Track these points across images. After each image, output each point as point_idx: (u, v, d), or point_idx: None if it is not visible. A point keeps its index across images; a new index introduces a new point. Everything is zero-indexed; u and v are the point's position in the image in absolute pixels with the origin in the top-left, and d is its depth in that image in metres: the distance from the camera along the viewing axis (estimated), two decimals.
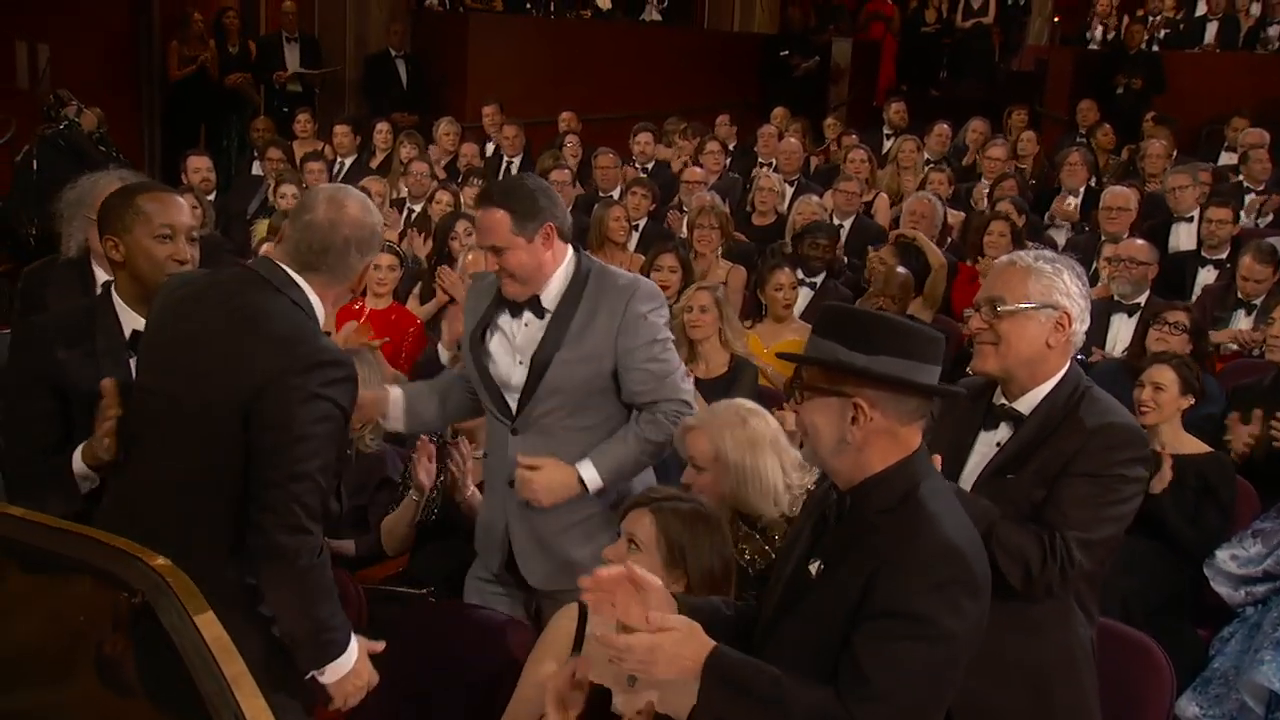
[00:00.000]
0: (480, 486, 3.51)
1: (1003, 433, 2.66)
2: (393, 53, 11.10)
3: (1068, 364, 2.66)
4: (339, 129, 9.16)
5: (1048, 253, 2.73)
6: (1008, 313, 2.60)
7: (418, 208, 7.66)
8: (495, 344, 3.13)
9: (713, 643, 2.01)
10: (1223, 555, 3.91)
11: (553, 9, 12.59)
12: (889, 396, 2.05)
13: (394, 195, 7.78)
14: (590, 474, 3.02)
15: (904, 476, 2.08)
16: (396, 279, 5.54)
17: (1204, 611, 3.97)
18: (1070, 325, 2.62)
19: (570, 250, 3.09)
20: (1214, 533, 3.99)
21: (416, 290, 5.95)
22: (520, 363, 3.07)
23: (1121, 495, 2.58)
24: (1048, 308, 2.60)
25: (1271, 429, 4.27)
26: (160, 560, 1.95)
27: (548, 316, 3.05)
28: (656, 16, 13.46)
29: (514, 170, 9.15)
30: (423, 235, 6.83)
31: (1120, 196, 6.60)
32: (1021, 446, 2.61)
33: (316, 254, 2.56)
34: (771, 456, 3.01)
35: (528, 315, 3.07)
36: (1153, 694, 2.95)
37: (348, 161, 9.04)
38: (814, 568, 2.12)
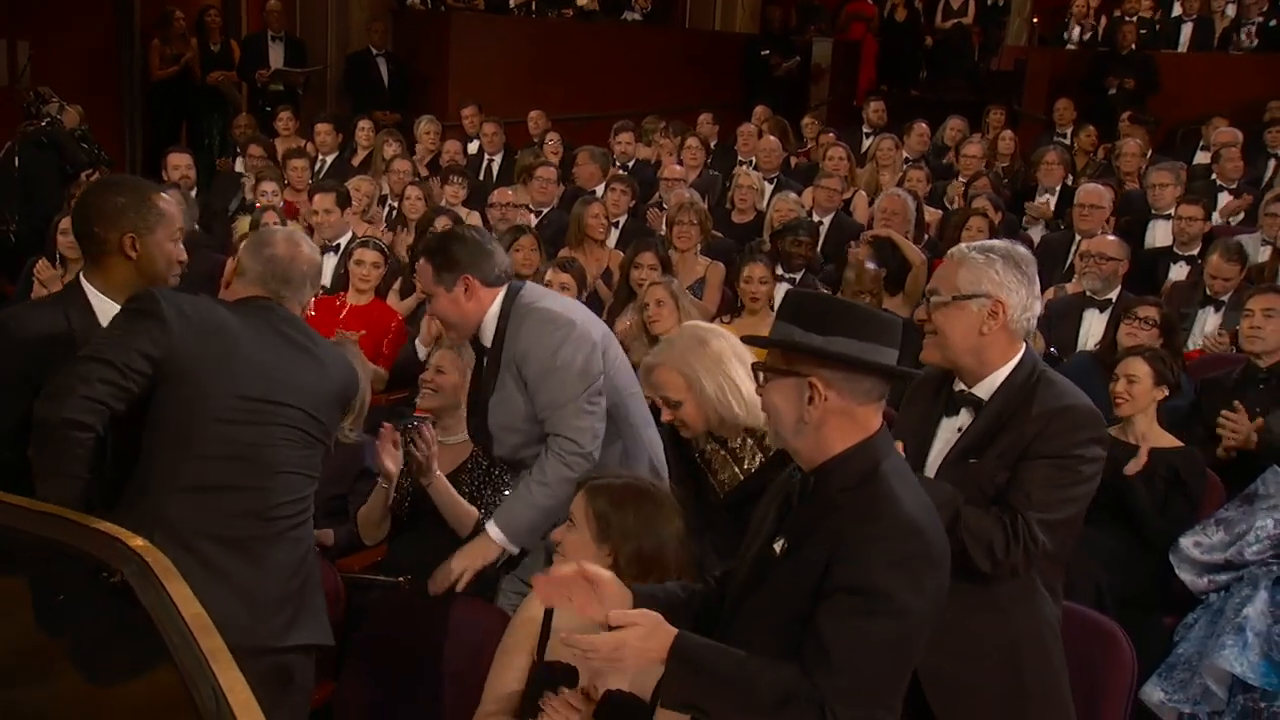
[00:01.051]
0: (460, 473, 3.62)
1: (964, 418, 2.72)
2: (374, 51, 11.12)
3: (1021, 349, 2.72)
4: (320, 127, 9.19)
5: (992, 243, 2.78)
6: (940, 304, 2.68)
7: (397, 205, 7.70)
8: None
9: (675, 630, 2.06)
10: (1187, 542, 3.98)
11: (534, 8, 12.62)
12: (843, 376, 2.10)
13: (379, 193, 7.82)
14: (496, 534, 3.13)
15: (864, 457, 2.13)
16: (380, 275, 5.58)
17: (1170, 599, 4.03)
18: (1005, 313, 2.66)
19: (502, 293, 3.24)
20: (1182, 524, 4.07)
21: (397, 285, 6.00)
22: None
23: (1081, 476, 2.64)
24: (978, 297, 2.65)
25: (1220, 424, 4.36)
26: (139, 541, 2.00)
27: (485, 359, 3.28)
28: (638, 16, 13.50)
29: (495, 167, 9.20)
30: (402, 232, 6.89)
31: (1094, 194, 6.69)
32: (983, 431, 2.66)
33: (280, 283, 2.81)
34: (740, 366, 3.06)
35: (483, 358, 3.31)
36: (1115, 677, 3.01)
37: (329, 159, 9.08)
38: (778, 546, 2.17)
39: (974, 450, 2.66)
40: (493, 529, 3.12)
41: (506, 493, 3.59)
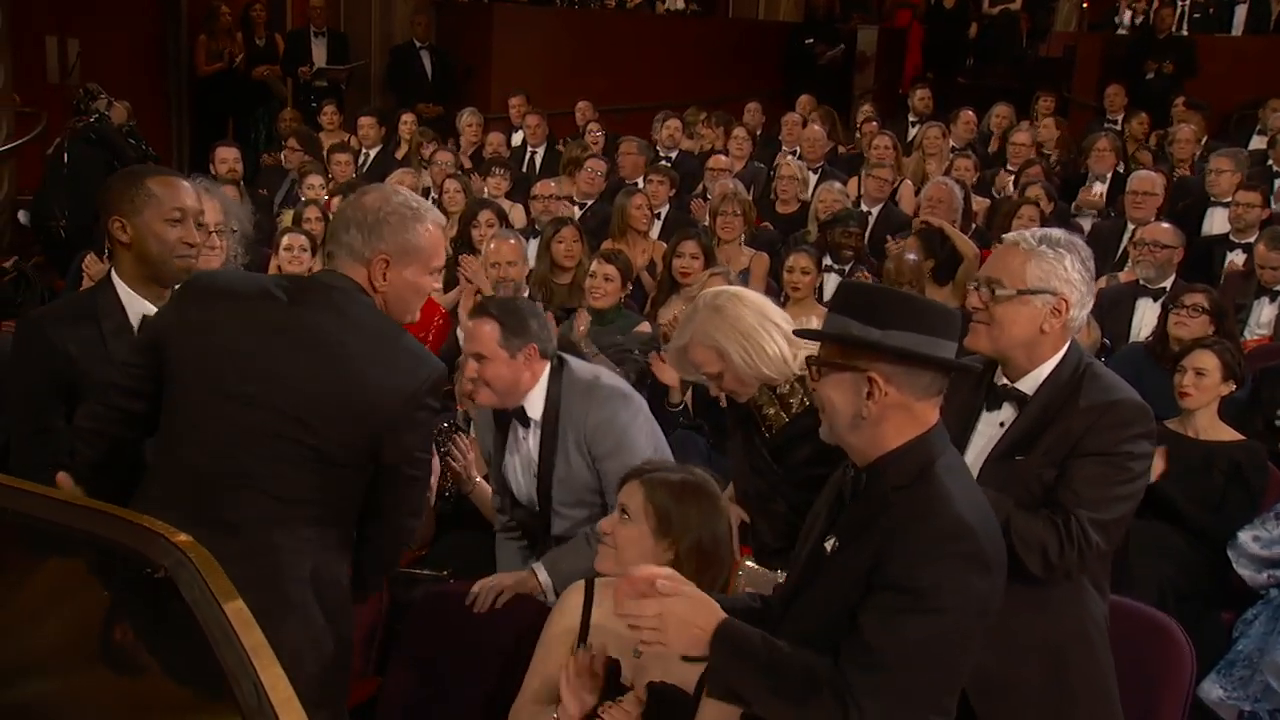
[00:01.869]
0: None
1: (1006, 413, 2.65)
2: (417, 44, 11.17)
3: (1068, 343, 2.65)
4: (364, 121, 9.23)
5: (1054, 233, 2.69)
6: (1005, 296, 2.59)
7: (440, 198, 7.71)
8: (509, 460, 3.43)
9: (723, 613, 2.03)
10: (1245, 537, 3.90)
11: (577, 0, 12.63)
12: (903, 371, 2.05)
13: (420, 187, 7.83)
14: (543, 576, 3.15)
15: (920, 453, 2.08)
16: None
17: (1228, 595, 3.96)
18: (1068, 311, 2.60)
19: (548, 366, 3.30)
20: (1241, 518, 3.98)
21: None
22: (532, 474, 3.34)
23: (1132, 473, 2.58)
24: (1045, 293, 2.59)
25: None
26: (182, 536, 1.98)
27: (534, 428, 3.31)
28: (680, 5, 13.45)
29: (538, 159, 9.19)
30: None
31: (1147, 181, 6.58)
32: (1029, 427, 2.60)
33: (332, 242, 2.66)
34: (762, 323, 3.00)
35: (519, 429, 3.37)
36: (1172, 674, 2.93)
37: (372, 153, 9.12)
38: (829, 544, 2.13)
39: (1020, 447, 2.60)
40: (541, 572, 3.15)
41: None
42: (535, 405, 3.28)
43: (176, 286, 2.71)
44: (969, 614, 1.99)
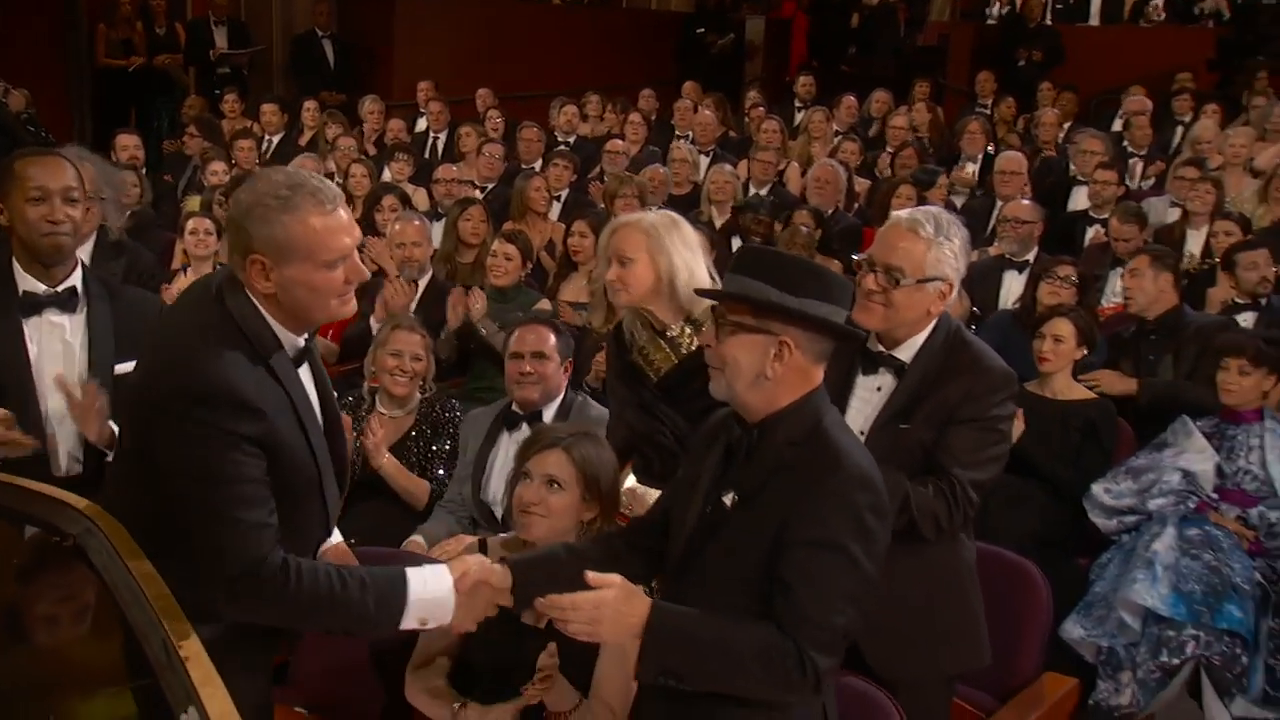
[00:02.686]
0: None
1: (883, 378, 2.73)
2: (319, 33, 10.99)
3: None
4: (266, 108, 9.09)
5: (944, 217, 2.74)
6: (907, 285, 2.64)
7: (345, 183, 7.64)
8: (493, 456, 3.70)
9: (650, 600, 2.06)
10: (1098, 489, 4.08)
11: None
12: (811, 336, 2.10)
13: (325, 172, 7.73)
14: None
15: (809, 411, 2.12)
16: None
17: (1085, 543, 4.13)
18: (951, 293, 2.70)
19: None
20: (1096, 472, 4.15)
21: None
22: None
23: (1003, 435, 2.71)
24: (938, 280, 2.66)
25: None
26: (86, 504, 1.98)
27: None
28: None
29: (440, 145, 9.13)
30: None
31: (1012, 161, 6.80)
32: (909, 395, 2.69)
33: None
34: (696, 256, 3.00)
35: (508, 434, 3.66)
36: (1033, 613, 3.09)
37: (275, 140, 8.98)
38: (729, 500, 2.15)
39: (903, 414, 2.68)
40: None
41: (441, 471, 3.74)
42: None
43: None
44: (878, 558, 2.06)
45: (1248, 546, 3.83)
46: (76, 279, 2.86)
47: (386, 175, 7.47)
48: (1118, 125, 9.41)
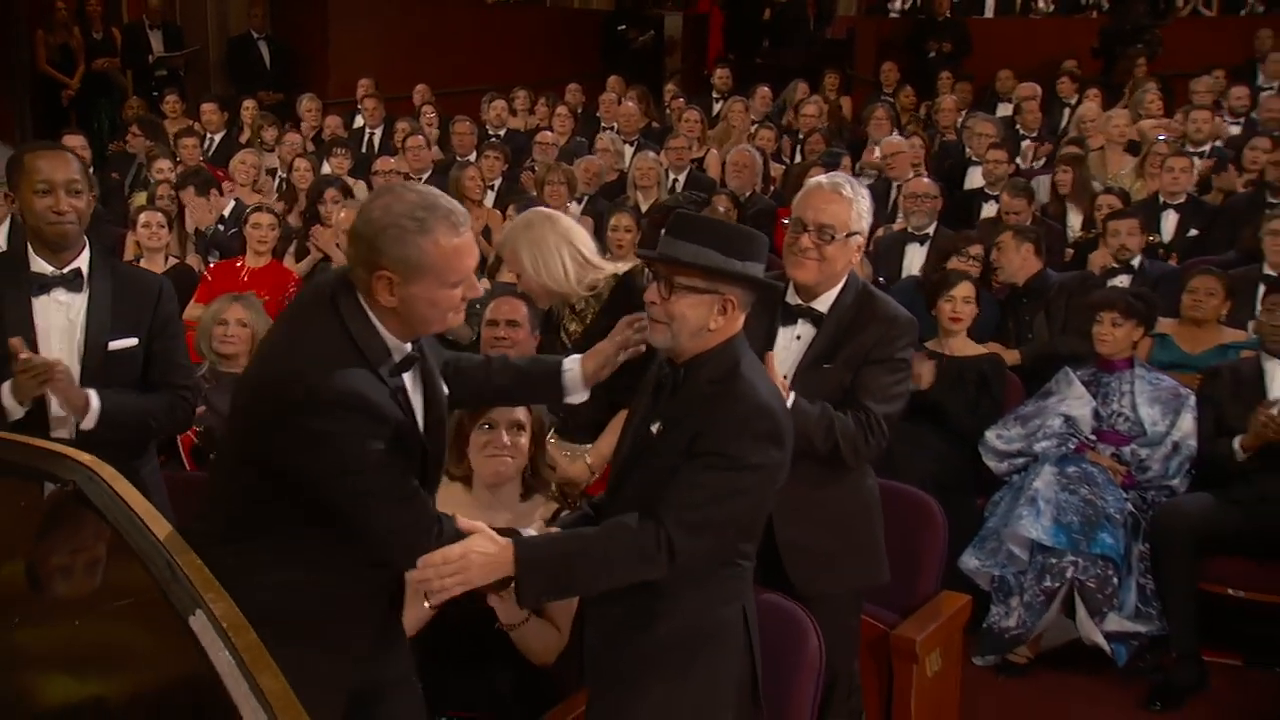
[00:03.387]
0: None
1: (802, 328, 2.95)
2: (255, 35, 10.96)
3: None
4: (206, 107, 9.10)
5: (852, 179, 3.02)
6: (839, 240, 2.87)
7: (289, 176, 7.73)
8: None
9: (509, 539, 2.17)
10: (991, 435, 4.35)
11: None
12: (747, 292, 2.32)
13: (267, 167, 7.81)
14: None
15: (730, 353, 2.32)
16: (276, 237, 5.65)
17: (980, 484, 4.40)
18: (864, 247, 2.98)
19: None
20: (990, 419, 4.44)
21: (292, 249, 6.06)
22: None
23: (908, 374, 2.97)
24: (857, 234, 2.92)
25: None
26: (85, 456, 2.12)
27: None
28: None
29: (376, 140, 9.22)
30: (291, 201, 6.93)
31: (894, 144, 7.12)
32: (829, 341, 2.91)
33: None
34: (559, 245, 3.23)
35: None
36: (930, 540, 3.34)
37: (217, 138, 9.00)
38: (655, 428, 2.34)
39: (825, 357, 2.91)
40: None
41: None
42: None
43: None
44: (762, 476, 2.25)
45: (1120, 481, 4.13)
46: (83, 261, 2.98)
47: (326, 169, 7.55)
48: (1006, 109, 9.77)
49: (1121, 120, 8.16)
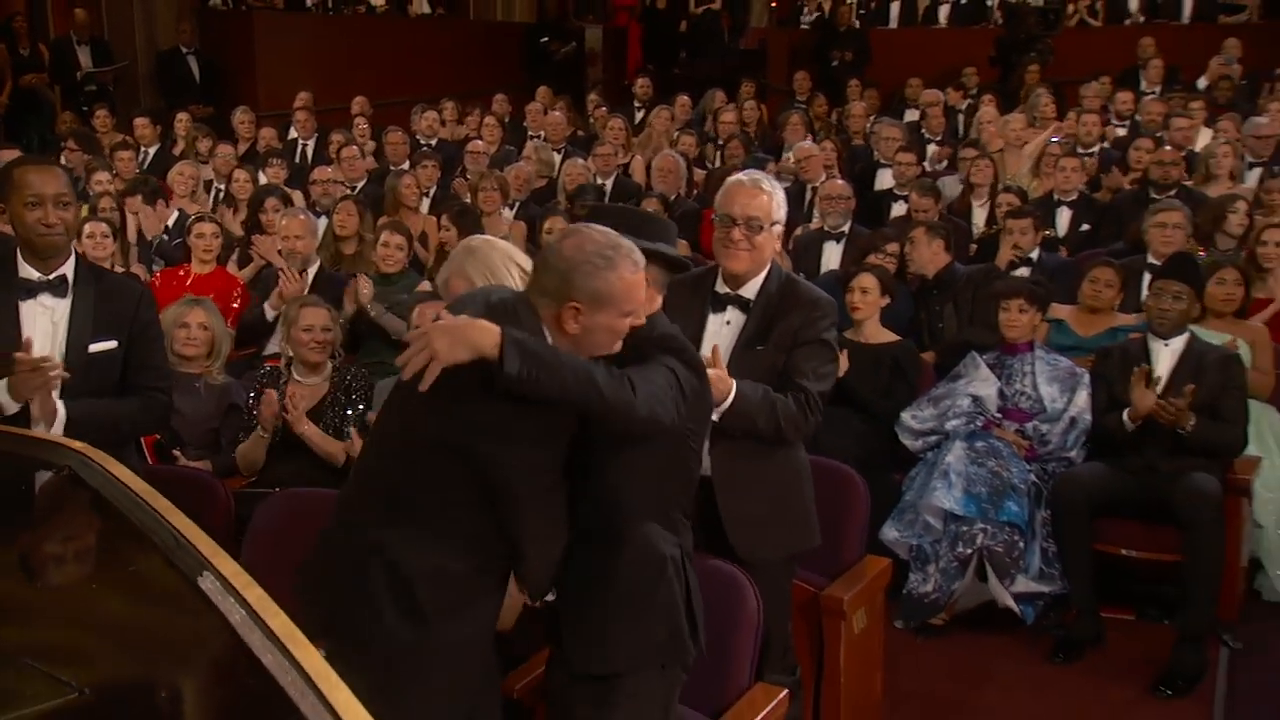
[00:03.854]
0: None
1: (731, 314, 3.12)
2: (183, 50, 10.90)
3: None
4: (139, 121, 9.06)
5: (768, 174, 3.22)
6: (765, 231, 3.06)
7: (224, 187, 7.74)
8: None
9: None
10: (906, 416, 4.56)
11: (331, 5, 12.54)
12: (660, 269, 2.51)
13: (202, 178, 7.80)
14: None
15: (650, 324, 2.47)
16: (219, 245, 5.70)
17: (898, 461, 4.61)
18: (782, 235, 3.18)
19: None
20: (905, 401, 4.66)
21: (235, 257, 6.10)
22: None
23: (835, 353, 3.15)
24: (778, 223, 3.12)
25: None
26: (76, 443, 2.22)
27: None
28: (426, 9, 13.54)
29: (309, 150, 9.23)
30: (231, 210, 6.96)
31: (805, 149, 7.39)
32: (759, 325, 3.08)
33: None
34: (505, 263, 3.23)
35: None
36: (853, 508, 3.52)
37: (151, 151, 8.95)
38: None
39: (756, 340, 3.08)
40: None
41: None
42: None
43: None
44: (682, 383, 2.38)
45: (1024, 454, 4.37)
46: (69, 268, 3.05)
47: (262, 179, 7.57)
48: (913, 115, 10.11)
49: (1018, 124, 8.52)
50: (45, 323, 3.02)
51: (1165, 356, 4.34)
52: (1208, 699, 3.87)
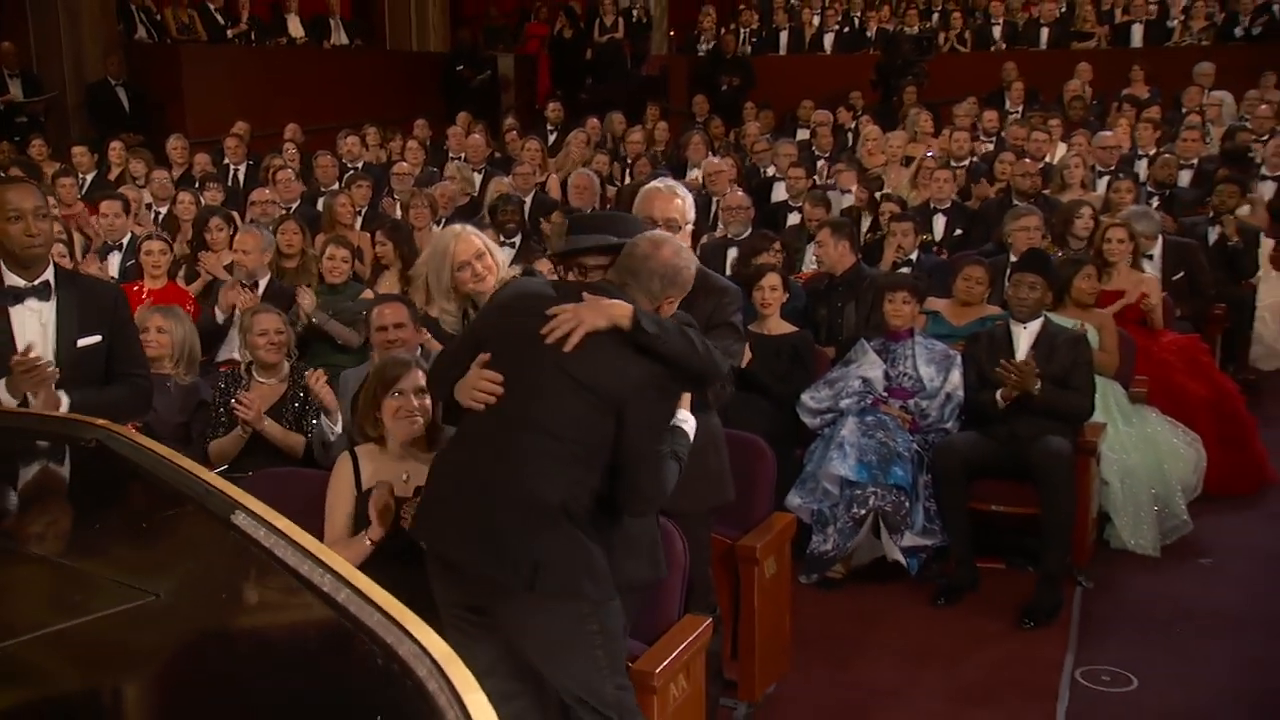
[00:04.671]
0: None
1: None
2: (112, 81, 10.91)
3: None
4: (77, 149, 9.13)
5: (674, 180, 3.56)
6: (682, 230, 3.35)
7: (163, 210, 7.88)
8: None
9: None
10: (805, 397, 4.94)
11: (253, 38, 12.62)
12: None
13: (142, 202, 7.92)
14: None
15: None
16: (169, 261, 5.88)
17: (800, 437, 4.99)
18: (691, 234, 3.51)
19: None
20: (804, 385, 5.04)
21: (181, 274, 6.26)
22: None
23: (741, 334, 3.47)
24: (690, 224, 3.45)
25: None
26: (98, 420, 2.47)
27: None
28: (344, 40, 13.68)
29: (241, 174, 9.36)
30: (176, 231, 7.11)
31: (713, 164, 7.81)
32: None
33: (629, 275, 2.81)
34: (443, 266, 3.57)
35: None
36: (762, 472, 3.88)
37: (89, 177, 9.00)
38: None
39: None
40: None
41: (323, 420, 4.09)
42: None
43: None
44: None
45: (907, 426, 4.78)
46: (49, 274, 3.27)
47: (201, 202, 7.71)
48: (804, 134, 10.63)
49: (898, 141, 9.07)
50: (34, 324, 3.24)
51: (1024, 338, 4.80)
52: (1064, 628, 4.32)
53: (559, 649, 2.59)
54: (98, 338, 3.27)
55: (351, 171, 9.00)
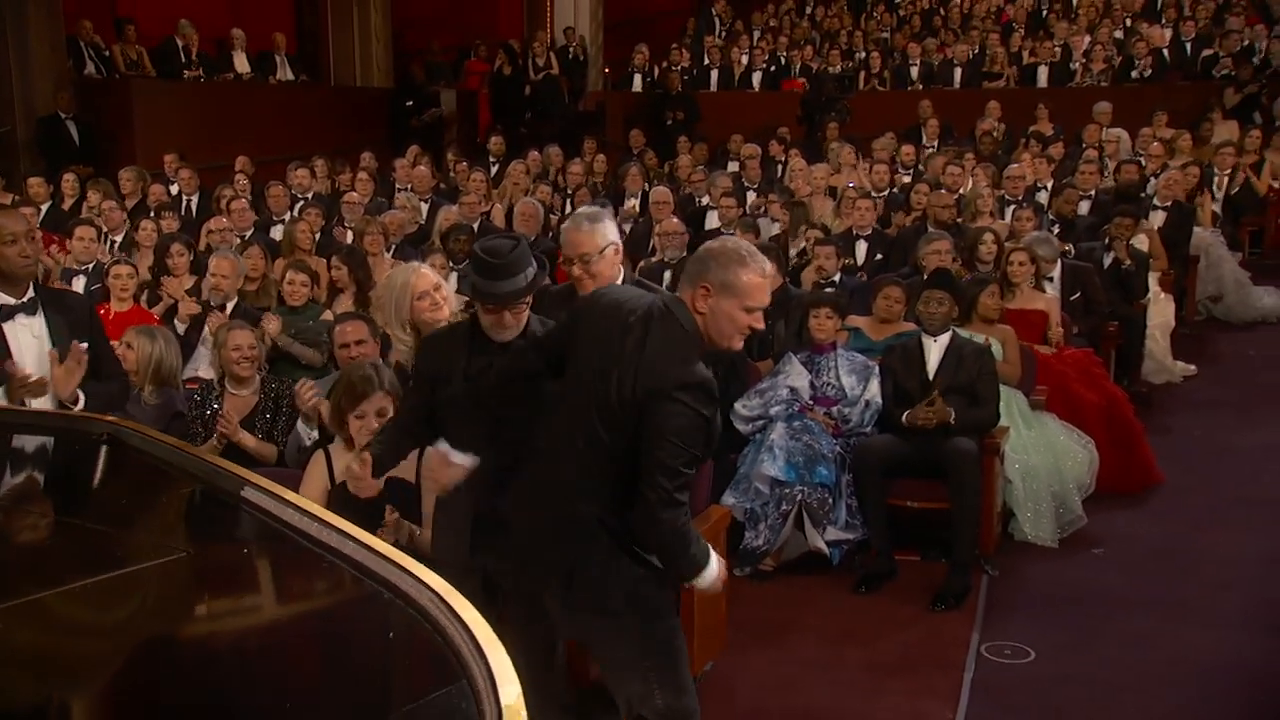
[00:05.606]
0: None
1: None
2: (62, 115, 10.99)
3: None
4: (33, 180, 9.25)
5: (593, 207, 3.69)
6: (595, 260, 3.47)
7: (118, 238, 8.03)
8: None
9: None
10: (738, 406, 5.27)
11: (201, 74, 12.76)
12: None
13: (98, 230, 8.04)
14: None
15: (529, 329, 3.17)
16: (135, 285, 6.06)
17: (734, 443, 5.30)
18: (620, 250, 3.61)
19: None
20: (736, 395, 5.37)
21: (144, 297, 6.43)
22: None
23: None
24: (611, 245, 3.55)
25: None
26: (108, 416, 2.71)
27: None
28: (290, 75, 13.86)
29: (194, 205, 9.52)
30: (135, 256, 7.28)
31: (660, 193, 8.17)
32: None
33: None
34: (402, 295, 3.82)
35: None
36: (701, 477, 4.18)
37: (44, 208, 9.10)
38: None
39: None
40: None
41: (300, 426, 4.27)
42: None
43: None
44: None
45: (831, 431, 5.12)
46: (32, 291, 3.55)
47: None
48: (734, 166, 11.07)
49: (822, 173, 9.53)
50: (27, 337, 3.50)
51: (934, 350, 5.19)
52: (971, 611, 4.68)
53: (609, 664, 2.84)
54: (85, 344, 3.52)
55: (302, 201, 9.21)
